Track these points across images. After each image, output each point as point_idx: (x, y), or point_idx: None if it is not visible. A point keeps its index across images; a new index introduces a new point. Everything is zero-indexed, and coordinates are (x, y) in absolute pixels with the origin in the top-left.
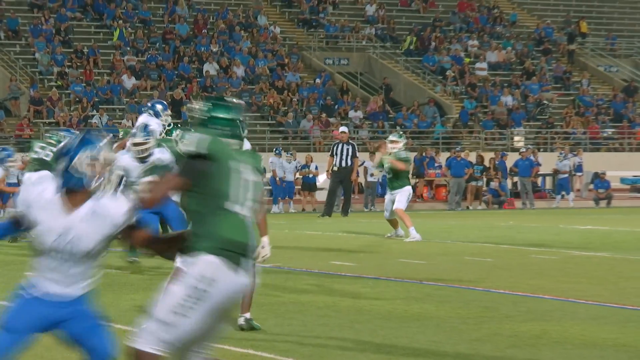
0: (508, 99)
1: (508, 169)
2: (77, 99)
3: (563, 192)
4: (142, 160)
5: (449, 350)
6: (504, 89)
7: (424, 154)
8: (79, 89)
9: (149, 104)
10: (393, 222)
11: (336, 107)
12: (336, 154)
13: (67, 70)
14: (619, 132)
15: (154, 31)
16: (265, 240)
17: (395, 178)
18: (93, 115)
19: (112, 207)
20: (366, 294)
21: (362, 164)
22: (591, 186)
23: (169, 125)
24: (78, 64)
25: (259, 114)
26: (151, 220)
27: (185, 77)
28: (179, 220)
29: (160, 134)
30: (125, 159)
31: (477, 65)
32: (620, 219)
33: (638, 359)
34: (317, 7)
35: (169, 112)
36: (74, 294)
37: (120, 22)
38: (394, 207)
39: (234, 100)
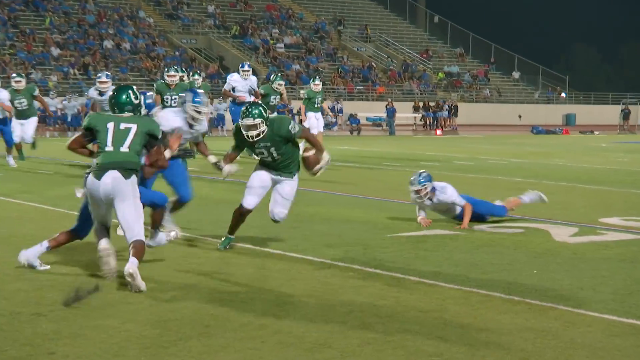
0: (297, 67)
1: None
2: (21, 62)
3: (330, 126)
4: None
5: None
6: (294, 60)
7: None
8: (22, 55)
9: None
10: None
11: (189, 70)
12: None
13: (15, 43)
14: (365, 89)
15: (72, 19)
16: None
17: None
18: (32, 73)
19: None
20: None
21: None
22: (348, 122)
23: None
24: (22, 39)
25: (139, 74)
26: None
27: (91, 50)
28: None
29: None
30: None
31: (278, 45)
32: (365, 143)
33: (372, 227)
34: (177, 5)
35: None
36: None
37: (50, 12)
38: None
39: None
